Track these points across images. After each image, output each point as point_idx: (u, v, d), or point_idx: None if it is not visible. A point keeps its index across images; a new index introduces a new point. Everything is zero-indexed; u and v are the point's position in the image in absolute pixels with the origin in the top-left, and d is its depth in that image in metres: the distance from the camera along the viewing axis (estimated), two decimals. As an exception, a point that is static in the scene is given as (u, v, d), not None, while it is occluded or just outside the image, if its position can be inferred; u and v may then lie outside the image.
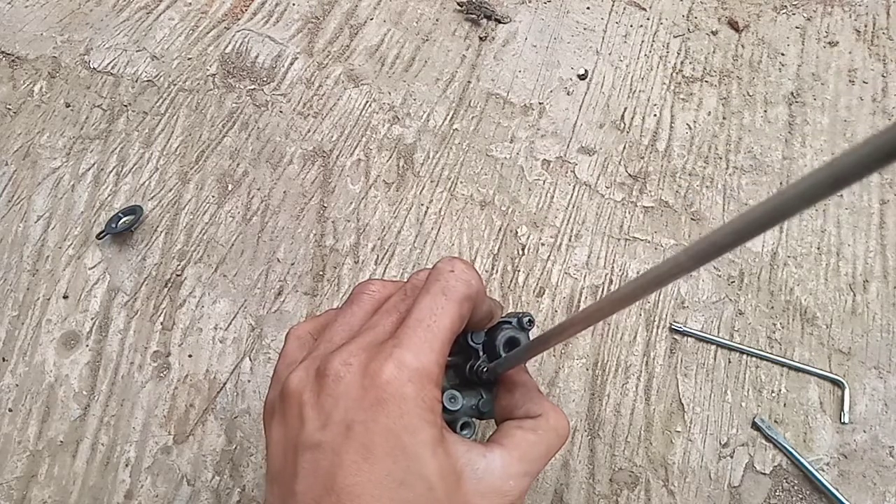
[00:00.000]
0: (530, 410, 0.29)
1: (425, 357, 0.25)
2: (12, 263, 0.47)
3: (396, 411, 0.24)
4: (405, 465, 0.23)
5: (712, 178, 0.52)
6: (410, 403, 0.24)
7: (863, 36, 0.58)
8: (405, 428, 0.24)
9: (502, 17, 0.57)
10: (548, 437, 0.28)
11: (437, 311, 0.26)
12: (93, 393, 0.44)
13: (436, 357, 0.25)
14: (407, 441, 0.24)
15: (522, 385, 0.31)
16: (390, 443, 0.23)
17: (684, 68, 0.56)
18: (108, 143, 0.51)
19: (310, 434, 0.25)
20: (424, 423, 0.24)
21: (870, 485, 0.43)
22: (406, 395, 0.24)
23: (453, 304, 0.26)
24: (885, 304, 0.48)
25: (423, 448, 0.24)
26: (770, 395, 0.45)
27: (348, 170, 0.51)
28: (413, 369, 0.25)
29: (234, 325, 0.46)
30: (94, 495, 0.41)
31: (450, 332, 0.26)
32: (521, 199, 0.50)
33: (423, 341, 0.25)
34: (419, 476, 0.23)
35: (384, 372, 0.24)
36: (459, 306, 0.27)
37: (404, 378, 0.24)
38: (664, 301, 0.47)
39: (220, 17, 0.57)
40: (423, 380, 0.25)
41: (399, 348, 0.25)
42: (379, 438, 0.23)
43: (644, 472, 0.43)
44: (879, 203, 0.51)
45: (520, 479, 0.26)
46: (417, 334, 0.25)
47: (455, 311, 0.26)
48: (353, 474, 0.23)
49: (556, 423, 0.29)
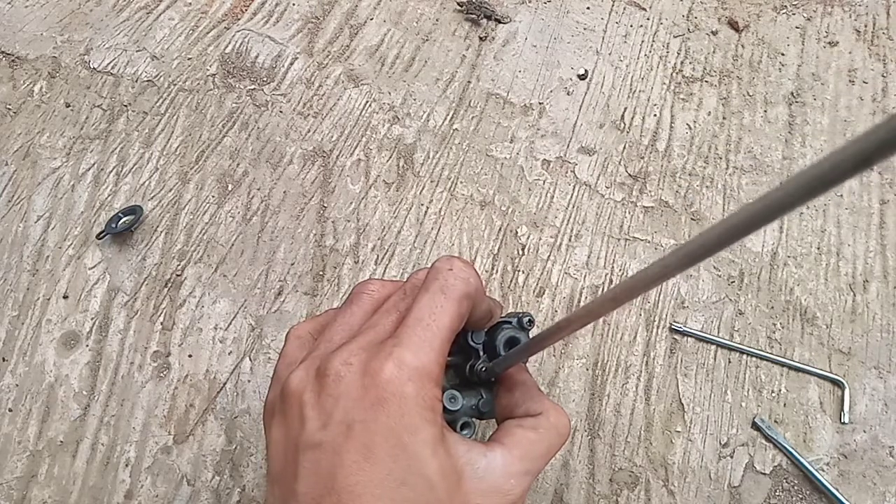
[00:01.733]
0: (531, 409, 0.29)
1: (425, 356, 0.25)
2: (12, 263, 0.47)
3: (397, 411, 0.24)
4: (406, 464, 0.23)
5: (712, 178, 0.52)
6: (411, 402, 0.24)
7: (863, 36, 0.58)
8: (406, 427, 0.24)
9: (502, 17, 0.57)
10: (549, 435, 0.28)
11: (437, 310, 0.26)
12: (93, 393, 0.44)
13: (436, 356, 0.25)
14: (408, 440, 0.24)
15: (522, 384, 0.31)
16: (391, 442, 0.23)
17: (684, 68, 0.56)
18: (108, 143, 0.51)
19: (310, 434, 0.25)
20: (425, 423, 0.24)
21: (870, 485, 0.43)
22: (406, 394, 0.24)
23: (452, 303, 0.26)
24: (885, 304, 0.48)
25: (424, 447, 0.24)
26: (770, 395, 0.45)
27: (348, 170, 0.51)
28: (413, 368, 0.25)
29: (234, 325, 0.46)
30: (94, 495, 0.41)
31: (449, 330, 0.26)
32: (521, 199, 0.51)
33: (422, 340, 0.25)
34: (420, 475, 0.23)
35: (384, 371, 0.24)
36: (458, 304, 0.27)
37: (404, 377, 0.24)
38: (664, 301, 0.47)
39: (220, 17, 0.57)
40: (423, 379, 0.25)
41: (399, 347, 0.25)
42: (380, 438, 0.23)
43: (644, 472, 0.43)
44: (879, 203, 0.51)
45: (521, 478, 0.26)
46: (417, 333, 0.25)
47: (454, 309, 0.26)
48: (354, 474, 0.23)
49: (557, 421, 0.29)
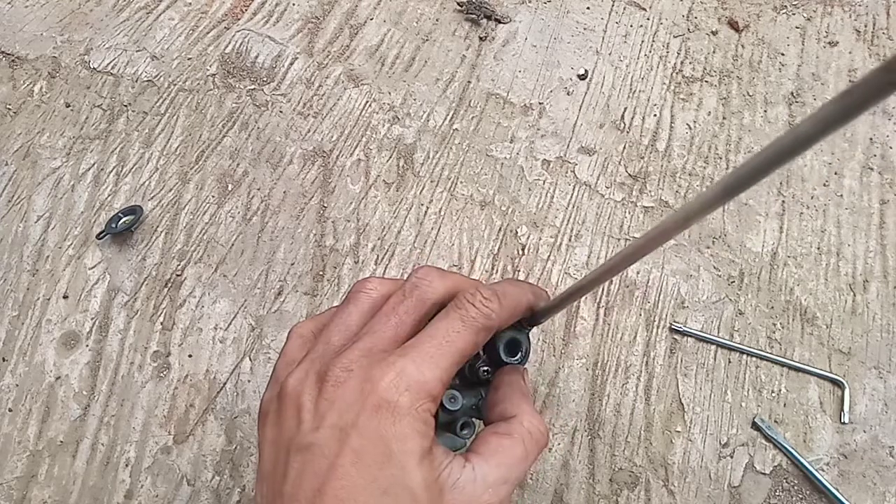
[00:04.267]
0: (506, 410, 0.29)
1: (430, 372, 0.25)
2: (12, 263, 0.47)
3: (390, 419, 0.24)
4: (391, 473, 0.23)
5: (712, 178, 0.52)
6: (405, 413, 0.24)
7: (863, 36, 0.58)
8: (396, 436, 0.24)
9: (502, 17, 0.57)
10: (524, 440, 0.28)
11: (452, 334, 0.26)
12: (93, 393, 0.44)
13: (440, 374, 0.25)
14: (396, 450, 0.24)
15: (508, 384, 0.30)
16: (380, 450, 0.24)
17: (684, 68, 0.56)
18: (108, 143, 0.51)
19: (303, 436, 0.25)
20: (416, 434, 0.24)
21: (870, 485, 0.43)
22: (402, 404, 0.24)
23: (470, 333, 0.27)
24: (885, 304, 0.48)
25: (411, 458, 0.24)
26: (770, 395, 0.45)
27: (348, 170, 0.51)
28: (414, 380, 0.25)
29: (234, 325, 0.46)
30: (94, 495, 0.41)
31: (461, 355, 0.26)
32: (521, 199, 0.51)
33: (429, 356, 0.25)
34: (403, 486, 0.23)
35: (384, 379, 0.24)
36: (476, 335, 0.27)
37: (402, 387, 0.24)
38: (664, 301, 0.47)
39: (220, 17, 0.57)
40: (421, 392, 0.25)
41: (404, 358, 0.25)
42: (370, 445, 0.24)
43: (644, 472, 0.43)
44: (879, 203, 0.51)
45: (498, 488, 0.26)
46: (425, 348, 0.25)
47: (471, 338, 0.27)
48: (341, 478, 0.23)
49: (531, 426, 0.28)
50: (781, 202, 0.51)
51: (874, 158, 0.53)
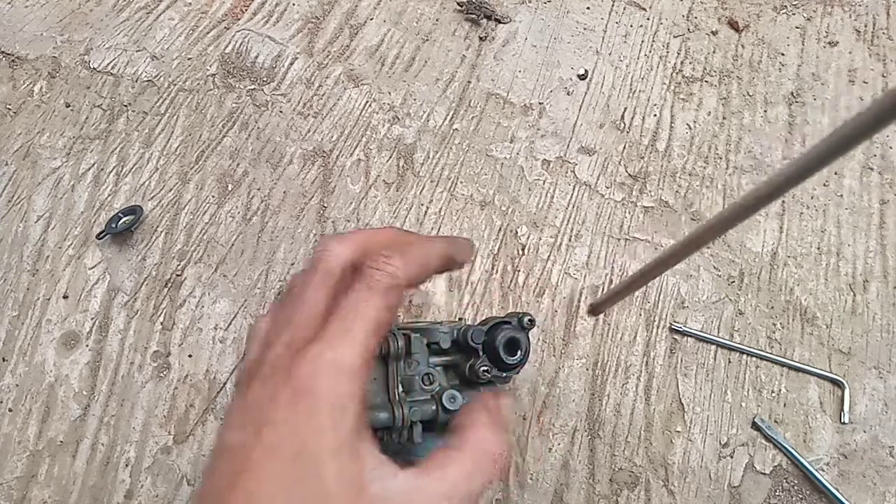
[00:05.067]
0: (463, 421, 0.28)
1: (344, 348, 0.24)
2: (12, 263, 0.47)
3: (307, 409, 0.23)
4: (303, 465, 0.23)
5: (712, 178, 0.52)
6: (323, 401, 0.23)
7: (863, 36, 0.58)
8: (312, 427, 0.23)
9: (502, 17, 0.57)
10: (473, 456, 0.26)
11: (361, 304, 0.25)
12: (93, 393, 0.44)
13: (357, 348, 0.25)
14: (310, 441, 0.23)
15: (475, 399, 0.29)
16: (294, 442, 0.23)
17: (684, 68, 0.56)
18: (108, 143, 0.51)
19: (224, 439, 0.25)
20: (332, 423, 0.23)
21: (870, 485, 0.43)
22: (319, 390, 0.23)
23: (378, 296, 0.26)
24: (885, 304, 0.48)
25: (324, 449, 0.23)
26: (770, 395, 0.45)
27: (348, 170, 0.51)
28: (329, 360, 0.24)
29: (234, 325, 0.46)
30: (94, 495, 0.41)
31: (375, 321, 0.25)
32: (521, 199, 0.51)
33: (342, 332, 0.25)
34: (316, 477, 0.23)
35: (302, 368, 0.24)
36: (385, 297, 0.26)
37: (320, 373, 0.24)
38: (664, 301, 0.47)
39: (220, 17, 0.57)
40: (339, 372, 0.24)
41: (319, 343, 0.24)
42: (286, 437, 0.23)
43: (644, 472, 0.43)
44: (879, 203, 0.51)
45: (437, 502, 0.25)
46: (336, 326, 0.25)
47: (380, 302, 0.26)
48: (252, 471, 0.23)
49: (481, 441, 0.27)
50: (781, 202, 0.51)
51: (874, 158, 0.53)
